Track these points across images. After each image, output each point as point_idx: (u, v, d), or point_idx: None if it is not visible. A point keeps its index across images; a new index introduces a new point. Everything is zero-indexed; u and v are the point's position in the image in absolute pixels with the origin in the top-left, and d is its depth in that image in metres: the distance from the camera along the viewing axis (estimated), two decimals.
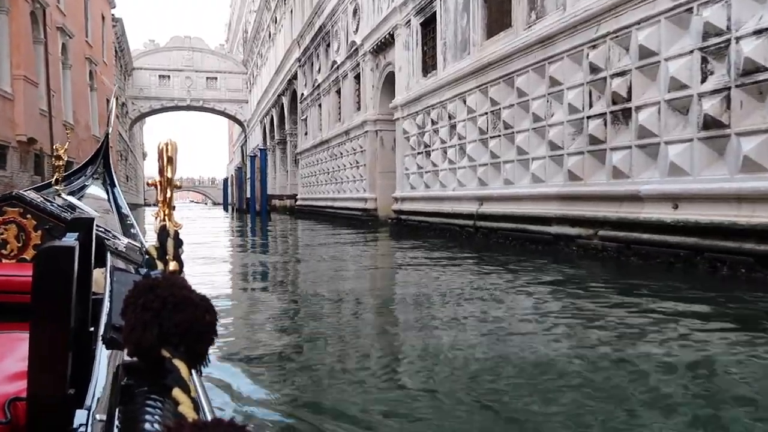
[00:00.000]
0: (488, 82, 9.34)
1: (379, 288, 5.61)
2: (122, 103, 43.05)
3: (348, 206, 17.60)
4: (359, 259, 8.10)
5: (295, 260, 7.86)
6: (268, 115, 37.36)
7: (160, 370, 0.61)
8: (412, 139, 12.68)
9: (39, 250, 0.80)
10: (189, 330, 0.64)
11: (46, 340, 0.78)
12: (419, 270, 6.28)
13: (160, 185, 0.99)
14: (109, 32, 34.76)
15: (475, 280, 5.41)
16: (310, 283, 5.73)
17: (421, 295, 4.78)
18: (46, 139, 20.87)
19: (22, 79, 18.33)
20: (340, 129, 19.00)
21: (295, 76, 27.42)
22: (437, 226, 11.06)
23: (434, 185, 11.57)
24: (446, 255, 7.73)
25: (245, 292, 5.44)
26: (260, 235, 13.87)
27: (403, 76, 13.20)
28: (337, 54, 19.52)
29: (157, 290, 0.65)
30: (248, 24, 50.45)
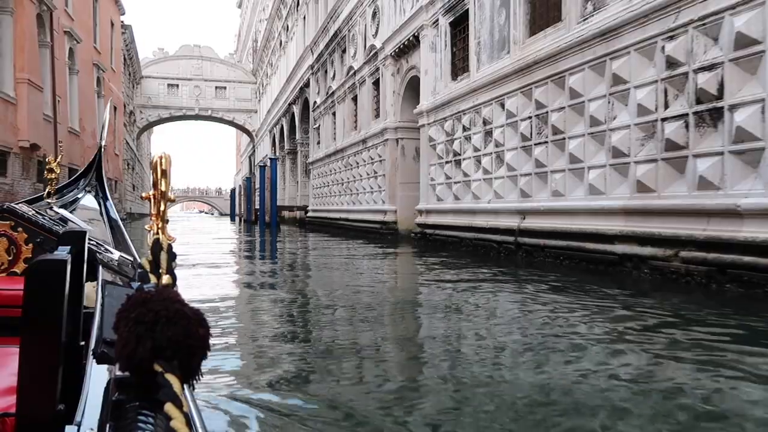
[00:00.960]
0: (533, 83, 8.42)
1: (408, 329, 4.59)
2: (130, 111, 42.46)
3: (365, 219, 16.66)
4: (382, 283, 7.15)
5: (307, 282, 6.91)
6: (278, 125, 36.61)
7: (152, 384, 0.61)
8: (440, 147, 11.76)
9: (30, 263, 0.79)
10: (182, 344, 0.64)
11: (37, 355, 0.77)
12: (455, 294, 5.33)
13: (153, 198, 0.95)
14: (117, 39, 34.20)
15: (527, 312, 4.45)
16: (327, 315, 4.78)
17: (462, 336, 3.82)
18: (50, 145, 20.07)
19: (26, 82, 17.57)
20: (356, 138, 18.12)
21: (308, 84, 26.64)
22: (469, 241, 10.09)
23: (465, 197, 10.62)
24: (484, 276, 6.78)
25: (252, 329, 4.52)
26: (269, 250, 12.93)
27: (429, 80, 12.31)
28: (353, 59, 18.70)
29: (149, 304, 0.65)
30: (258, 33, 49.97)
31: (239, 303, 5.29)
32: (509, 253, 8.79)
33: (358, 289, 6.06)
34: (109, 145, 29.98)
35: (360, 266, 8.02)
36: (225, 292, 5.88)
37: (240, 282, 6.75)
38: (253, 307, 5.12)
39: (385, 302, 5.29)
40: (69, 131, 22.60)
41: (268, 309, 4.94)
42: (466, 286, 5.93)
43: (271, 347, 3.53)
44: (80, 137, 24.25)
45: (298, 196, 30.72)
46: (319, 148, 24.21)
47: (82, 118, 24.77)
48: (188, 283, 5.78)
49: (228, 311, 4.76)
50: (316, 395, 2.56)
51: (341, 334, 3.95)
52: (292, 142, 32.78)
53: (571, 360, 3.09)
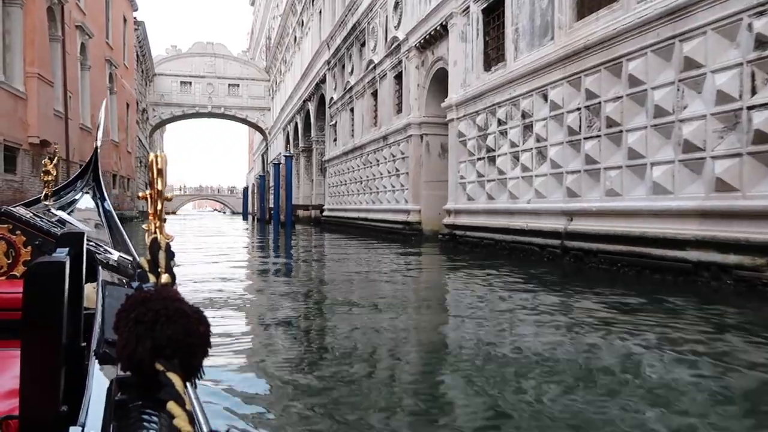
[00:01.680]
0: (582, 72, 7.64)
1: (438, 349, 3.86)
2: (143, 109, 42.05)
3: (385, 218, 15.93)
4: (410, 290, 6.41)
5: (323, 291, 6.18)
6: (292, 122, 35.99)
7: (154, 383, 0.61)
8: (471, 142, 11.00)
9: (29, 266, 0.80)
10: (182, 342, 0.63)
11: (38, 357, 0.77)
12: (499, 305, 4.58)
13: (150, 198, 0.98)
14: (130, 35, 33.73)
15: (586, 332, 3.71)
16: (345, 328, 4.05)
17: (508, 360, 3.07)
18: (61, 142, 19.55)
19: (36, 77, 17.03)
20: (376, 134, 17.39)
21: (324, 79, 25.96)
22: (506, 244, 9.32)
23: (501, 196, 9.85)
24: (527, 285, 6.04)
25: (264, 336, 3.81)
26: (284, 252, 12.24)
27: (459, 72, 11.55)
28: (373, 53, 17.97)
29: (149, 303, 0.65)
30: (272, 30, 49.39)
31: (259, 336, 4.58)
32: (554, 257, 8.02)
33: (386, 300, 5.34)
34: (122, 143, 29.51)
35: (391, 278, 7.26)
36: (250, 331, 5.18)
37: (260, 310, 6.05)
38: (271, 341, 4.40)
39: (422, 327, 4.56)
40: (80, 128, 22.10)
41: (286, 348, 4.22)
42: (516, 305, 5.17)
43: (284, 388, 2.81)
44: (92, 134, 23.72)
45: (313, 194, 30.07)
46: (336, 145, 23.51)
47: (94, 115, 24.24)
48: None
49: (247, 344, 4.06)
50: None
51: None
52: (307, 140, 32.12)
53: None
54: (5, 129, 15.48)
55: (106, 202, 3.78)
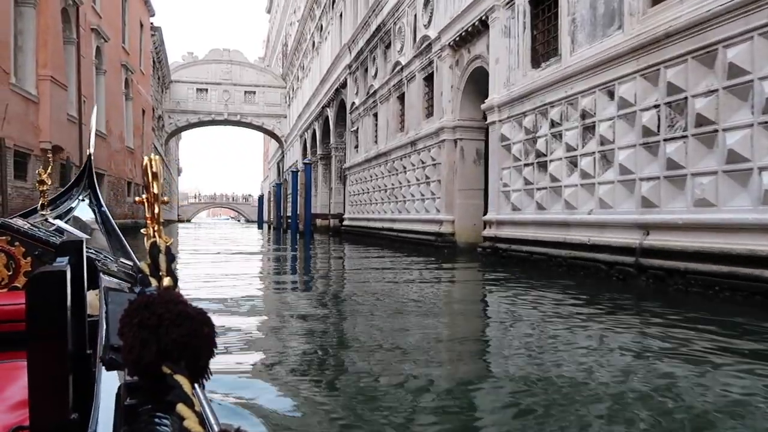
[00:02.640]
0: (662, 63, 6.62)
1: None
2: (159, 116, 41.58)
3: (414, 229, 14.94)
4: (457, 315, 5.39)
5: (343, 328, 5.19)
6: (310, 129, 35.21)
7: (162, 387, 0.61)
8: (516, 147, 9.99)
9: (30, 276, 0.80)
10: (188, 344, 0.64)
11: (45, 366, 0.78)
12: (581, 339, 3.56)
13: (147, 202, 0.98)
14: (147, 40, 33.23)
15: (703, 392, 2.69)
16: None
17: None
18: (74, 148, 18.87)
19: (49, 79, 16.34)
20: (403, 140, 16.44)
21: (344, 84, 25.12)
22: (563, 260, 8.29)
23: (554, 206, 8.83)
24: (596, 310, 5.02)
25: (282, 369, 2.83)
26: (302, 268, 11.30)
27: (502, 70, 10.57)
28: (400, 54, 17.06)
29: (152, 307, 0.65)
30: (288, 36, 48.87)
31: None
32: (626, 277, 6.97)
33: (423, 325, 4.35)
34: (137, 150, 28.88)
35: (425, 305, 6.23)
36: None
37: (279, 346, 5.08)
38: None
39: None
40: (95, 133, 21.38)
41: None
42: (592, 342, 4.15)
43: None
44: (107, 140, 23.08)
45: (332, 203, 29.16)
46: (357, 152, 22.61)
47: (109, 120, 23.61)
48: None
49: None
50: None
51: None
52: (326, 147, 31.27)
53: None
54: (16, 134, 14.76)
55: (103, 208, 3.74)
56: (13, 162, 14.71)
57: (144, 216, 1.05)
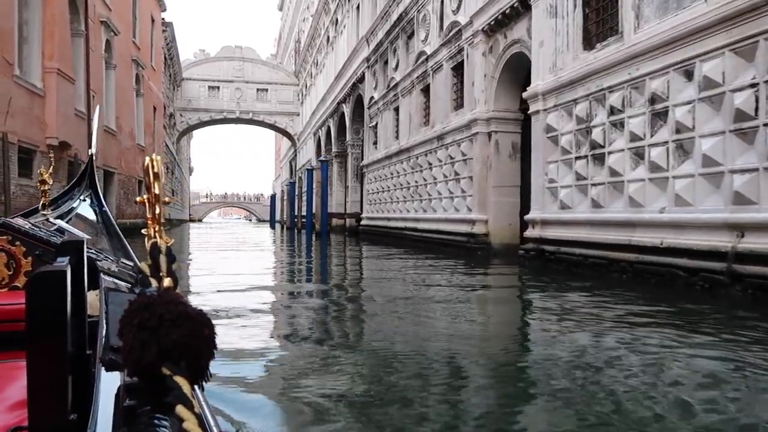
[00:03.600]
0: (762, 33, 5.61)
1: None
2: (170, 114, 40.90)
3: (441, 229, 13.96)
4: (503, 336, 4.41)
5: (364, 362, 4.23)
6: (324, 126, 34.31)
7: (161, 388, 0.61)
8: (565, 138, 8.99)
9: (30, 276, 0.80)
10: (188, 346, 0.63)
11: (44, 367, 0.78)
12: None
13: (148, 202, 0.97)
14: (158, 36, 32.49)
15: None
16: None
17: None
18: (82, 144, 18.05)
19: (56, 72, 15.53)
20: (428, 134, 15.47)
21: (362, 79, 24.18)
22: (627, 265, 7.28)
23: (614, 203, 7.82)
24: (682, 331, 4.03)
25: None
26: (321, 271, 10.37)
27: (547, 54, 9.57)
28: (424, 44, 16.08)
29: (152, 308, 0.65)
30: (301, 33, 48.04)
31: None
32: (712, 285, 5.96)
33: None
34: (148, 148, 28.12)
35: (460, 324, 5.26)
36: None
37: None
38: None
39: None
40: (105, 130, 20.61)
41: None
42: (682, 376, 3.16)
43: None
44: (117, 137, 22.30)
45: (348, 202, 28.24)
46: (376, 148, 21.66)
47: (119, 117, 22.84)
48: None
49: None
50: None
51: None
52: (341, 144, 30.36)
53: None
54: (20, 128, 13.96)
55: (104, 208, 3.71)
56: (18, 158, 13.92)
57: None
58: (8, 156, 12.97)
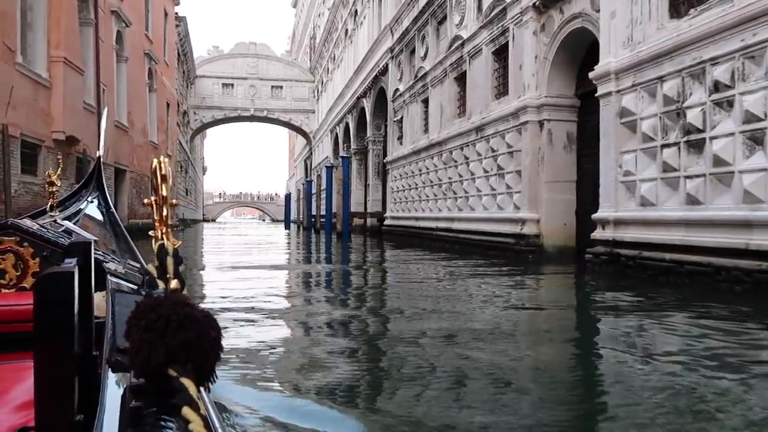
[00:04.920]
0: None
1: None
2: (184, 111, 39.92)
3: (481, 229, 12.65)
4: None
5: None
6: (342, 123, 33.10)
7: (167, 389, 0.61)
8: (647, 123, 7.65)
9: (38, 277, 0.84)
10: (195, 347, 0.63)
11: (51, 368, 0.78)
12: None
13: (155, 204, 0.98)
14: (171, 31, 31.47)
15: None
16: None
17: None
18: (91, 139, 16.94)
19: (62, 61, 14.42)
20: (463, 126, 14.16)
21: (384, 71, 22.91)
22: (737, 274, 5.94)
23: (718, 199, 6.48)
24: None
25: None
26: (342, 280, 9.14)
27: (620, 26, 8.23)
28: (459, 28, 14.77)
29: (159, 309, 0.65)
30: (317, 28, 46.93)
31: None
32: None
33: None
34: (161, 145, 27.09)
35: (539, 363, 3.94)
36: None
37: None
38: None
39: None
40: (116, 125, 19.54)
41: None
42: None
43: None
44: (128, 133, 21.23)
45: (369, 201, 26.99)
46: (402, 144, 20.38)
47: (131, 112, 21.77)
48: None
49: None
50: None
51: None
52: (361, 141, 29.13)
53: None
54: (23, 121, 12.86)
55: (111, 209, 3.72)
56: (21, 154, 12.82)
57: (172, 217, 0.96)
58: (9, 150, 11.85)
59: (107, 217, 3.63)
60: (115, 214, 3.73)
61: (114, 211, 3.78)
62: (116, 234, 3.38)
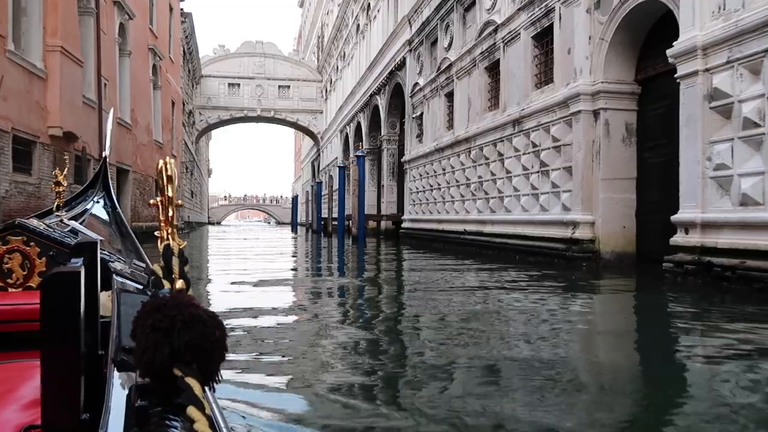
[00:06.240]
0: None
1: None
2: (189, 111, 38.79)
3: (522, 233, 11.39)
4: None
5: None
6: (353, 122, 31.90)
7: (173, 389, 0.61)
8: (748, 106, 6.39)
9: (45, 276, 0.79)
10: (200, 347, 0.63)
11: (57, 367, 0.77)
12: None
13: (161, 204, 0.97)
14: (177, 27, 30.34)
15: None
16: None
17: None
18: (92, 137, 15.79)
19: (59, 51, 13.24)
20: (497, 119, 12.91)
21: (401, 65, 21.69)
22: None
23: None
24: None
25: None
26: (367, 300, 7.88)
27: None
28: (490, 13, 13.53)
29: (165, 310, 0.64)
30: (325, 27, 45.78)
31: None
32: None
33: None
34: (167, 145, 25.94)
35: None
36: None
37: None
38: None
39: None
40: (118, 122, 18.31)
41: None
42: None
43: None
44: (132, 132, 20.05)
45: (384, 203, 25.73)
46: (421, 142, 19.15)
47: (135, 110, 20.59)
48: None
49: None
50: None
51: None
52: (374, 140, 27.91)
53: None
54: (16, 115, 11.68)
55: (117, 210, 3.75)
56: (12, 150, 11.63)
57: (177, 219, 0.93)
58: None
59: (113, 217, 3.64)
60: (120, 214, 3.72)
61: (120, 211, 3.77)
62: (122, 234, 3.39)
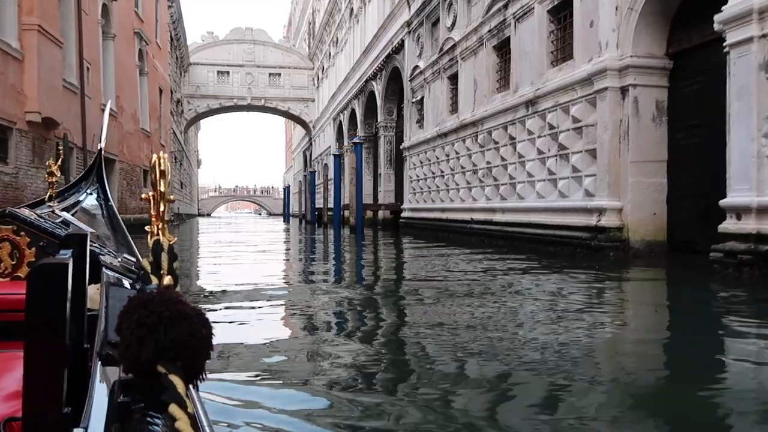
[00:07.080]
0: None
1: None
2: (177, 100, 37.65)
3: (539, 221, 10.64)
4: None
5: None
6: (347, 109, 30.98)
7: (156, 386, 0.61)
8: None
9: (32, 267, 0.79)
10: (186, 345, 0.63)
11: (41, 359, 0.76)
12: None
13: (153, 199, 0.95)
14: (163, 10, 29.20)
15: None
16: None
17: None
18: (74, 123, 14.83)
19: (36, 29, 12.27)
20: (507, 101, 12.13)
21: (399, 48, 20.81)
22: None
23: None
24: None
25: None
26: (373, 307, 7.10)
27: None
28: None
29: (151, 305, 0.64)
30: (316, 13, 44.67)
31: None
32: None
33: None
34: (154, 134, 24.92)
35: None
36: None
37: None
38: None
39: None
40: (102, 109, 17.34)
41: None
42: None
43: None
44: (118, 119, 19.06)
45: (381, 192, 24.92)
46: (422, 127, 18.33)
47: (120, 96, 19.59)
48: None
49: None
50: None
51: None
52: (369, 128, 27.06)
53: None
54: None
55: (110, 202, 3.68)
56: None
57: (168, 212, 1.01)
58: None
59: (105, 210, 3.59)
60: (113, 207, 3.66)
61: (113, 204, 3.70)
62: (114, 227, 3.35)
